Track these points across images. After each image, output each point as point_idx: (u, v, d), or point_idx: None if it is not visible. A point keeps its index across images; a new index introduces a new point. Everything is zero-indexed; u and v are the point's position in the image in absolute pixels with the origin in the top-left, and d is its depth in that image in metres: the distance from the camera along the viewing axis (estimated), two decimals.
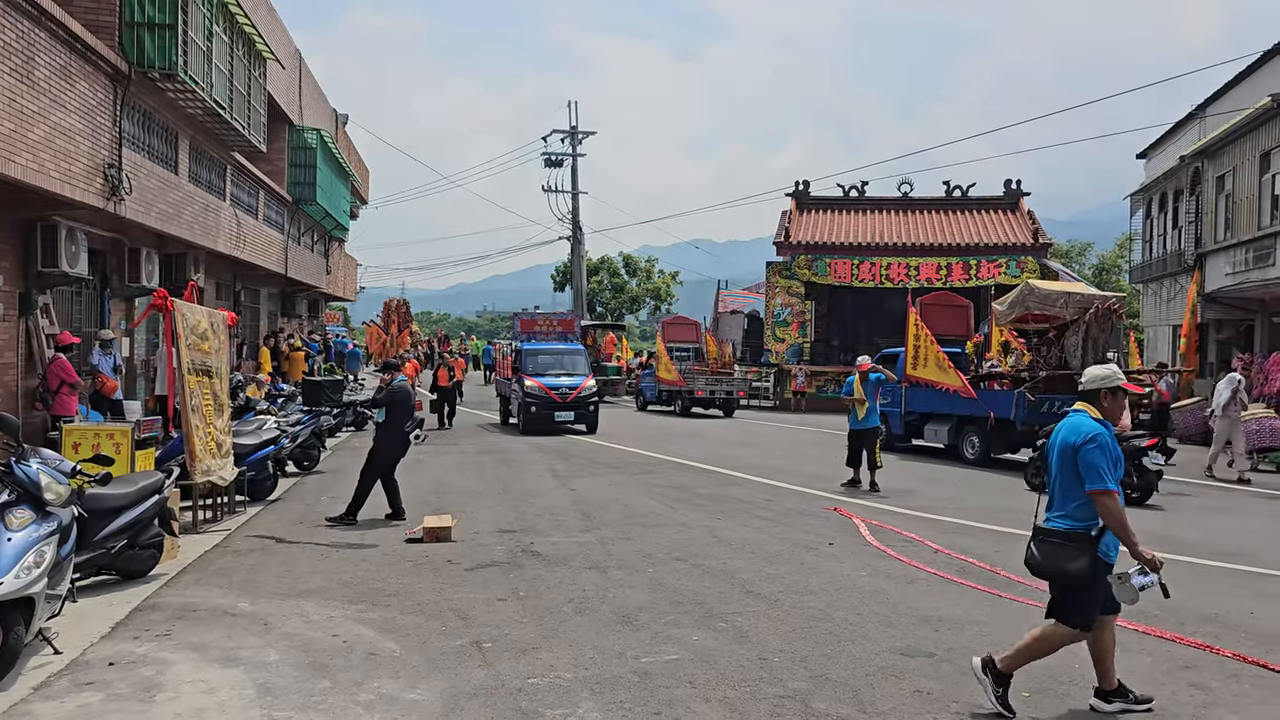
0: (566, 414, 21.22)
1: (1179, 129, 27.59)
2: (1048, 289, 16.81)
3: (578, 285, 47.14)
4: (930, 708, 5.28)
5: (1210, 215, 24.10)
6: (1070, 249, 52.37)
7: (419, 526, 9.84)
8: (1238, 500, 13.62)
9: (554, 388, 21.31)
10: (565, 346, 23.94)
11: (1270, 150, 20.77)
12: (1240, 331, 24.40)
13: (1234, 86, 23.17)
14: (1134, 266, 33.50)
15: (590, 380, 22.13)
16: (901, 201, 34.41)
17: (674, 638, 6.46)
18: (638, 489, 13.37)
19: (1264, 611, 7.40)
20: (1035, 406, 15.94)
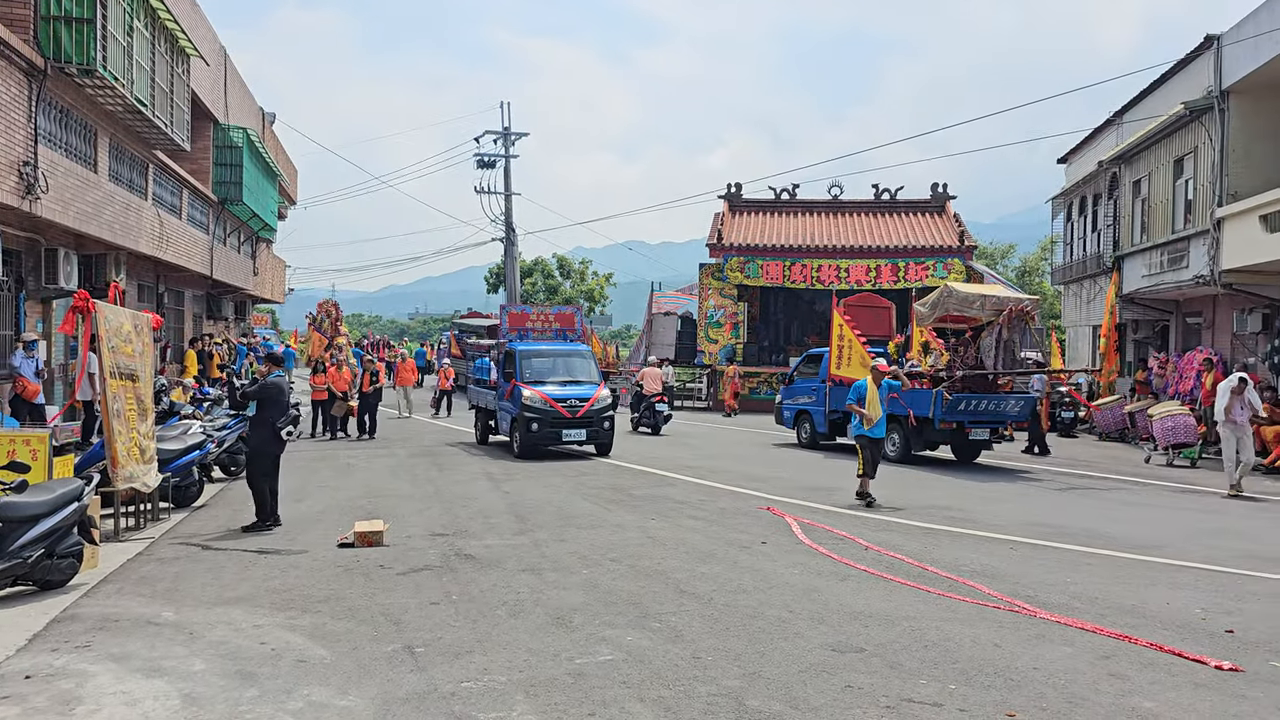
0: (576, 432, 17.06)
1: (1097, 135, 28.39)
2: (965, 291, 17.38)
3: (511, 287, 46.89)
4: (861, 702, 5.36)
5: (1127, 219, 24.85)
6: (995, 251, 53.55)
7: (350, 531, 9.71)
8: (1154, 494, 14.07)
9: (560, 400, 17.08)
10: (568, 347, 19.05)
11: (1183, 156, 21.50)
12: (1156, 331, 25.21)
13: (1149, 94, 23.90)
14: (1055, 268, 34.40)
15: (604, 390, 17.78)
16: (832, 204, 34.89)
17: (608, 638, 6.47)
18: (572, 490, 13.35)
19: (1178, 602, 7.65)
20: (952, 405, 16.49)
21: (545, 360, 18.07)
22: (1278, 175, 18.47)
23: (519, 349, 18.20)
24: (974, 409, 16.68)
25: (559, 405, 16.98)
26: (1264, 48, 17.41)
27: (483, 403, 20.02)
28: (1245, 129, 19.21)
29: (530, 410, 16.92)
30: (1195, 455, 17.43)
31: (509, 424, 17.83)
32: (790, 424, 21.16)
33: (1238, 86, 18.95)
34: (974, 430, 17.01)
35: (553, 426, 16.94)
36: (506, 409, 17.88)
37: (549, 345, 18.94)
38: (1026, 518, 11.57)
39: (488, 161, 45.30)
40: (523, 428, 16.98)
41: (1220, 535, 10.69)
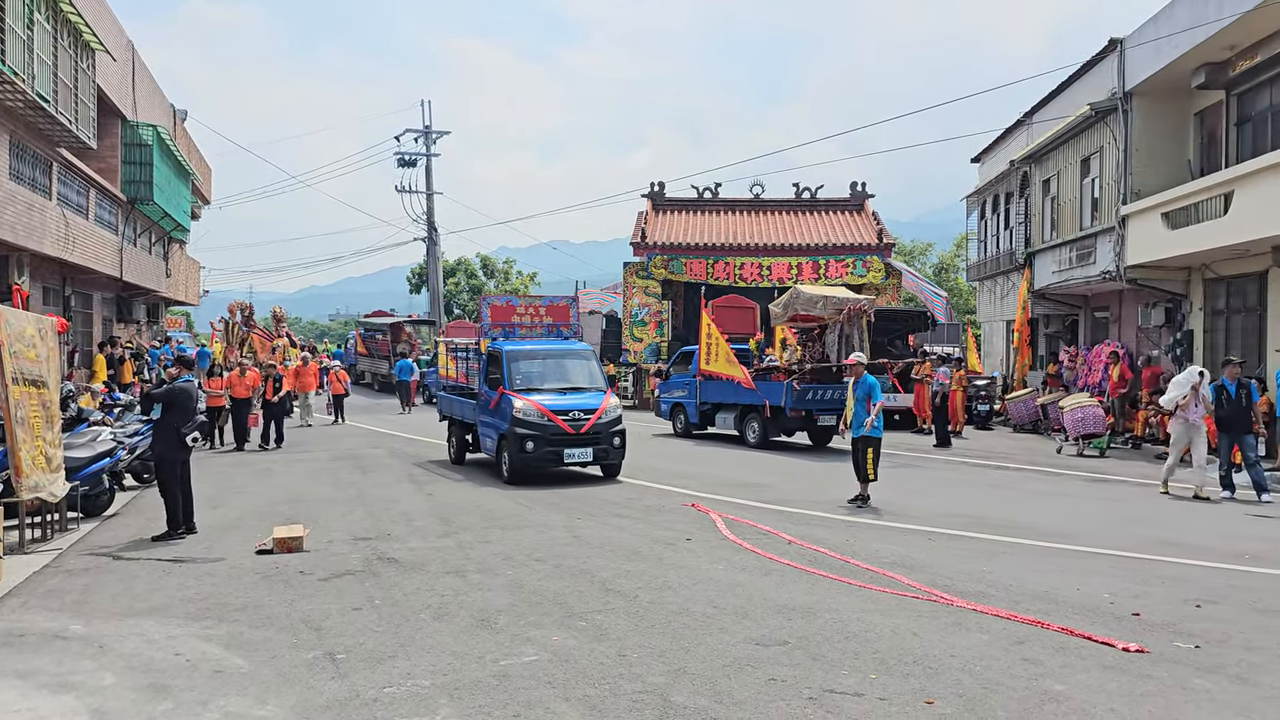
0: (581, 452, 13.97)
1: (1009, 135, 29.15)
2: (810, 293, 19.19)
3: (434, 287, 46.44)
4: (784, 694, 5.42)
5: (1038, 216, 25.56)
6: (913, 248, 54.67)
7: (269, 538, 9.50)
8: (1065, 484, 14.50)
9: (561, 412, 14.00)
10: (566, 346, 15.97)
11: (1089, 156, 22.19)
12: (1066, 326, 25.99)
13: (1057, 95, 24.61)
14: (970, 265, 35.23)
15: (612, 399, 14.70)
16: (754, 203, 35.23)
17: (534, 639, 6.44)
18: (497, 492, 13.27)
19: (1088, 587, 7.90)
20: (801, 395, 18.23)
21: (539, 363, 15.09)
22: (1179, 174, 19.18)
23: (506, 350, 15.07)
24: (820, 398, 18.29)
25: (559, 419, 13.89)
26: (1164, 51, 18.06)
27: (458, 414, 16.75)
28: (1148, 129, 19.91)
29: (524, 425, 13.85)
30: (1104, 445, 18.01)
31: (494, 441, 14.66)
32: (667, 415, 22.62)
33: (1140, 88, 19.63)
34: (821, 417, 18.59)
35: (552, 445, 13.84)
36: (491, 423, 14.75)
37: (543, 344, 15.88)
38: (944, 509, 11.83)
39: (409, 160, 44.79)
40: (514, 447, 13.81)
41: (1128, 523, 11.06)
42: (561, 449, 13.85)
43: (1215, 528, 10.83)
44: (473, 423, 15.86)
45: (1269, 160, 14.50)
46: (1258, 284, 16.97)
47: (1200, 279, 18.74)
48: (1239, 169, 15.55)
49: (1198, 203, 16.62)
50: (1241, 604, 7.31)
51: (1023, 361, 25.86)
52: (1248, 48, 16.76)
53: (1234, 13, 15.51)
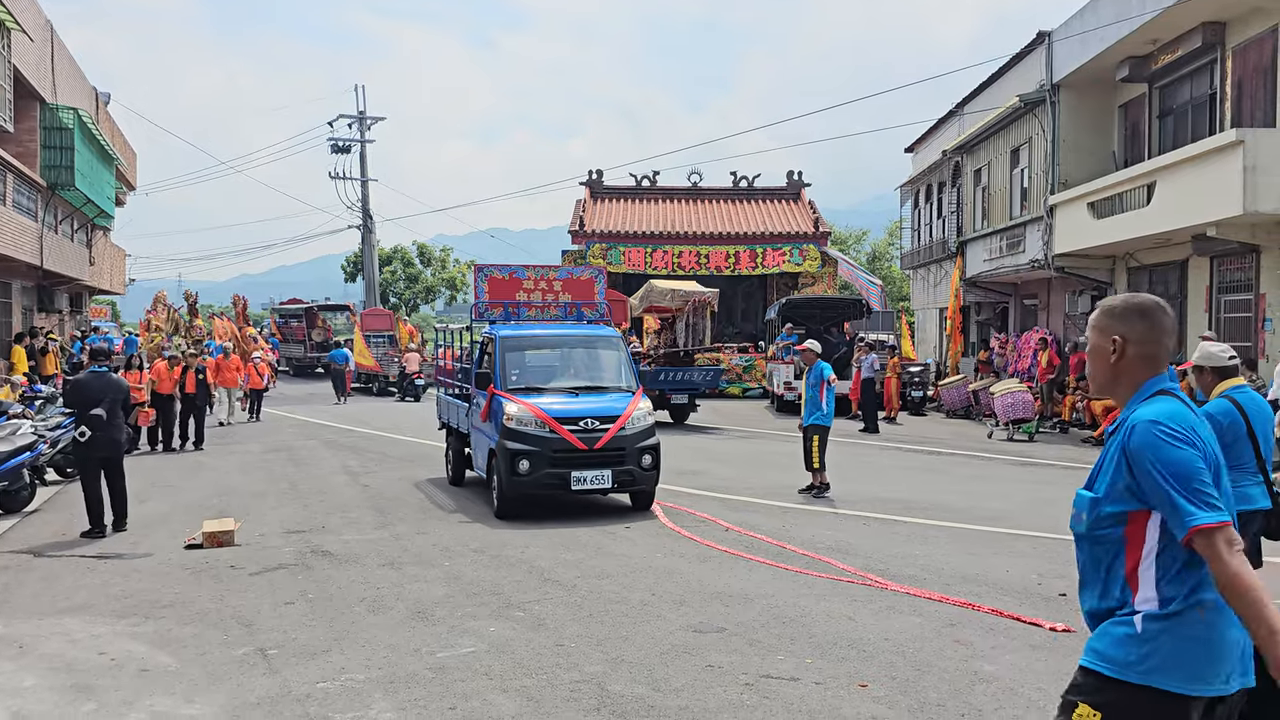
0: (597, 475, 10.37)
1: (941, 125, 29.59)
2: (662, 287, 21.59)
3: (369, 276, 45.81)
4: (721, 680, 5.46)
5: (969, 206, 26.02)
6: (848, 237, 55.27)
7: (198, 532, 9.30)
8: (996, 468, 14.81)
9: (568, 420, 10.47)
10: (584, 332, 12.28)
11: (1019, 147, 22.63)
12: (997, 313, 26.51)
13: (988, 87, 25.04)
14: (904, 254, 35.75)
15: (641, 402, 11.07)
16: (692, 191, 35.31)
17: (471, 630, 6.40)
18: (435, 482, 13.14)
19: (1017, 569, 8.08)
20: (654, 376, 20.17)
21: (544, 354, 11.75)
22: (1104, 165, 19.65)
23: (500, 336, 11.53)
24: (670, 379, 20.71)
25: (565, 429, 10.32)
26: (1090, 44, 18.46)
27: (454, 420, 13.08)
28: (1074, 121, 20.36)
29: (517, 438, 10.33)
30: (1033, 430, 18.41)
31: (484, 457, 11.26)
32: None
33: (1067, 80, 20.05)
34: (674, 396, 20.61)
35: (556, 465, 10.27)
36: (483, 433, 11.27)
37: (550, 330, 12.28)
38: (879, 494, 12.00)
39: (343, 146, 44.06)
40: (505, 466, 10.30)
41: (1055, 504, 11.30)
42: (568, 470, 10.16)
43: None
44: (466, 432, 12.29)
45: (1189, 152, 14.92)
46: (1178, 272, 17.47)
47: (1124, 267, 19.24)
48: (1161, 160, 15.97)
49: (1122, 193, 17.04)
50: None
51: (955, 348, 26.33)
52: (1169, 42, 17.20)
53: (1156, 8, 15.90)
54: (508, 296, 12.85)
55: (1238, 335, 15.48)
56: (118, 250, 36.47)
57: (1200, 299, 16.69)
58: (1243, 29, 15.71)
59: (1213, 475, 2.59)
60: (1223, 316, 16.13)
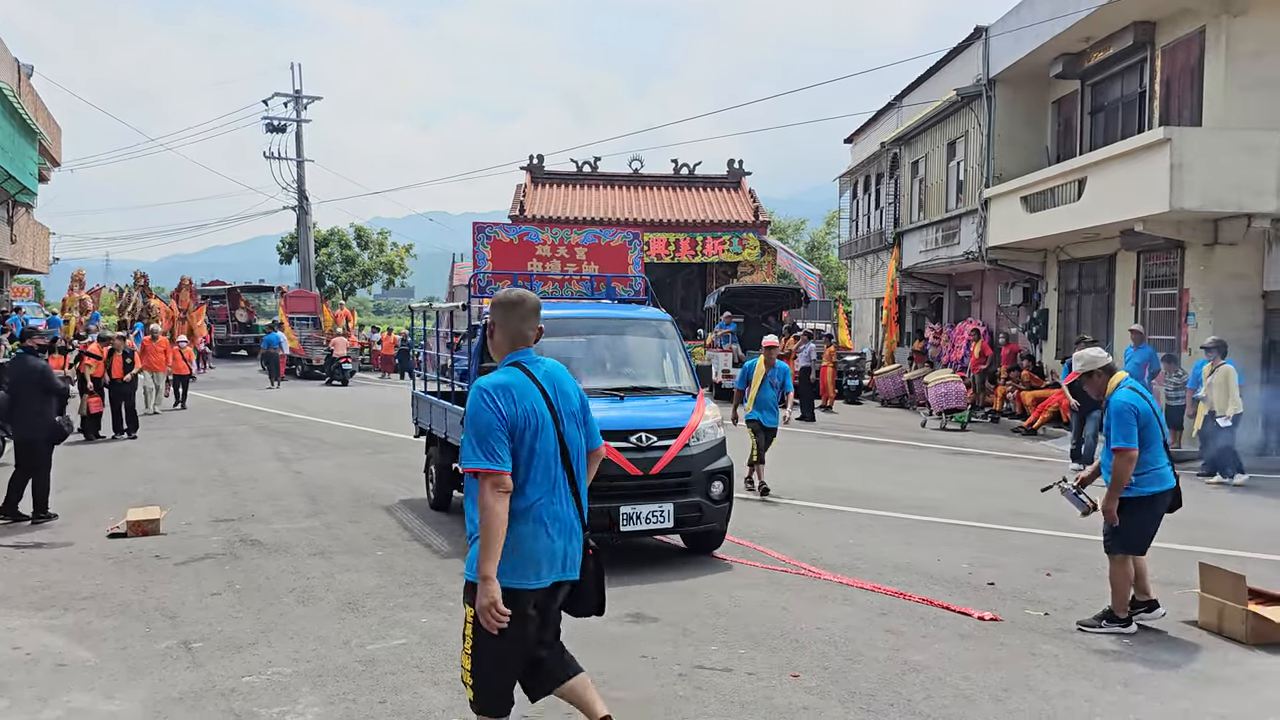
0: (654, 510, 7.75)
1: (880, 117, 29.87)
2: None
3: (305, 258, 44.99)
4: (655, 671, 5.46)
5: (907, 197, 26.33)
6: (787, 226, 55.66)
7: (122, 520, 9.05)
8: (929, 457, 15.03)
9: (614, 434, 7.54)
10: (625, 314, 9.45)
11: (955, 140, 22.94)
12: (932, 304, 26.90)
13: (926, 80, 25.32)
14: (842, 244, 36.09)
15: (708, 407, 8.55)
16: (633, 178, 35.21)
17: (402, 621, 6.31)
18: (369, 469, 12.97)
19: (948, 558, 8.21)
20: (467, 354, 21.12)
21: (574, 344, 8.80)
22: (1037, 160, 20.00)
23: None
24: None
25: (610, 446, 7.14)
26: (1025, 40, 18.75)
27: (440, 427, 10.09)
28: (1009, 115, 20.69)
29: None
30: (965, 419, 18.74)
31: None
32: None
33: (1003, 75, 20.35)
34: None
35: (597, 497, 6.03)
36: None
37: (581, 311, 9.35)
38: (815, 483, 12.10)
39: (278, 126, 43.14)
40: None
41: (986, 494, 11.53)
42: (615, 504, 7.52)
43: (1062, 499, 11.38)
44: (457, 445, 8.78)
45: (1118, 149, 15.23)
46: (1106, 266, 17.86)
47: (1055, 260, 19.62)
48: (1091, 156, 16.29)
49: (1054, 187, 17.35)
50: (1087, 572, 7.70)
51: (891, 338, 26.68)
52: (1101, 40, 17.53)
53: (1089, 6, 16.19)
54: (517, 266, 9.80)
55: (1162, 329, 15.89)
56: (41, 228, 35.33)
57: (1127, 293, 17.09)
58: (1171, 29, 16.07)
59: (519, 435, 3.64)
60: (1148, 310, 16.54)
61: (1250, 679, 5.51)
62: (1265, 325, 14.60)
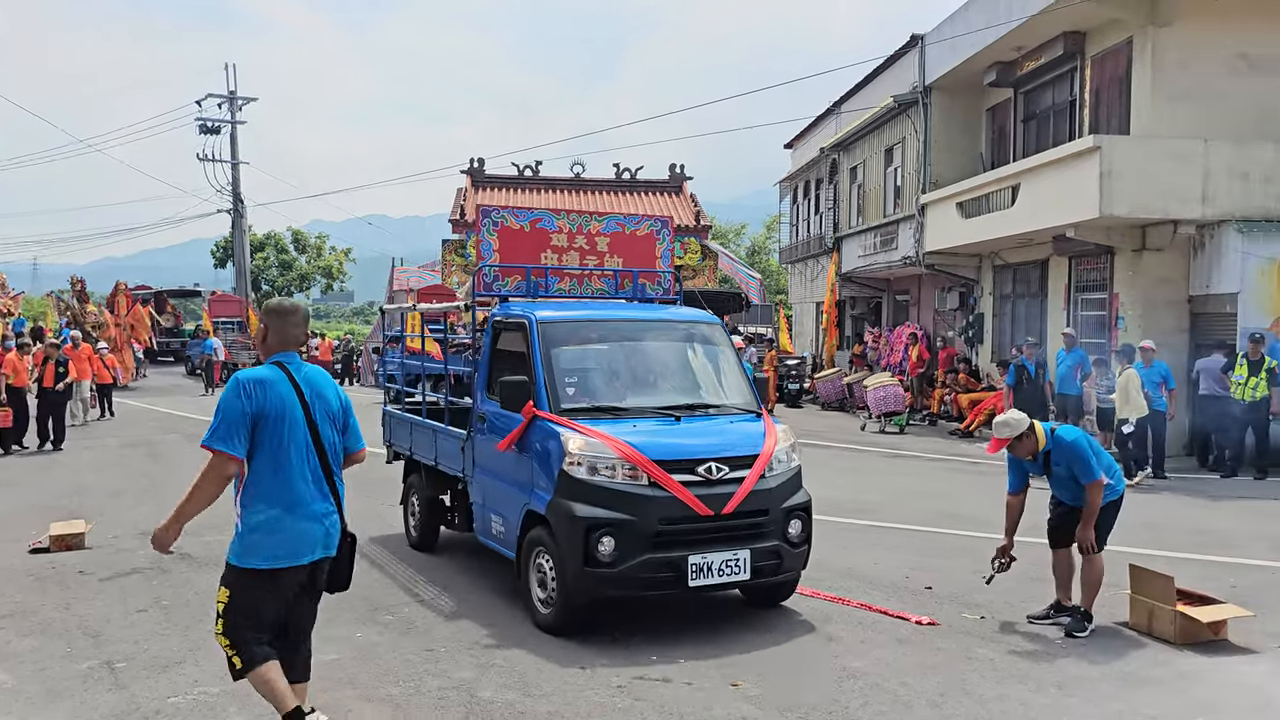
0: (728, 559, 6.17)
1: (819, 123, 30.15)
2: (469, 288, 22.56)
3: (240, 262, 44.09)
4: (593, 683, 5.41)
5: (846, 202, 26.61)
6: (728, 230, 55.98)
7: (45, 535, 8.76)
8: (869, 460, 15.17)
9: (679, 463, 6.21)
10: (672, 317, 7.98)
11: (892, 146, 23.24)
12: (871, 308, 27.21)
13: (864, 86, 25.62)
14: (783, 248, 36.37)
15: (777, 429, 6.97)
16: (575, 182, 35.12)
17: (335, 636, 6.17)
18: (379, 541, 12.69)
19: (887, 562, 8.27)
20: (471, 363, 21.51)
21: (612, 352, 7.35)
22: (972, 166, 20.33)
23: (540, 319, 7.14)
24: None
25: (673, 480, 6.15)
26: (960, 48, 19.05)
27: (423, 453, 8.73)
28: (945, 122, 21.01)
29: (589, 497, 6.14)
30: (903, 422, 18.96)
31: (512, 522, 6.84)
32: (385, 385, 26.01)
33: (939, 83, 20.67)
34: None
35: (662, 545, 6.09)
36: (505, 479, 7.03)
37: (620, 312, 7.89)
38: None
39: (212, 127, 42.22)
40: (569, 548, 6.09)
41: (924, 497, 11.66)
42: (684, 553, 6.07)
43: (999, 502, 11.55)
44: (456, 474, 7.89)
45: (1050, 156, 15.53)
46: (1040, 270, 18.21)
47: (990, 265, 19.96)
48: (1024, 163, 16.59)
49: (988, 194, 17.64)
50: (1021, 574, 7.79)
51: (831, 342, 26.91)
52: (1033, 49, 17.88)
53: (1021, 16, 16.50)
54: (529, 257, 8.33)
55: (1093, 333, 16.23)
56: None
57: (1060, 297, 17.43)
58: (1100, 39, 16.45)
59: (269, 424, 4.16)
60: (1080, 315, 16.89)
61: (1179, 679, 5.62)
62: (1191, 329, 14.99)
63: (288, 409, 4.19)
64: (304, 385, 4.31)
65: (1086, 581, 6.45)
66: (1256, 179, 14.17)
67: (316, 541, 4.27)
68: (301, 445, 4.24)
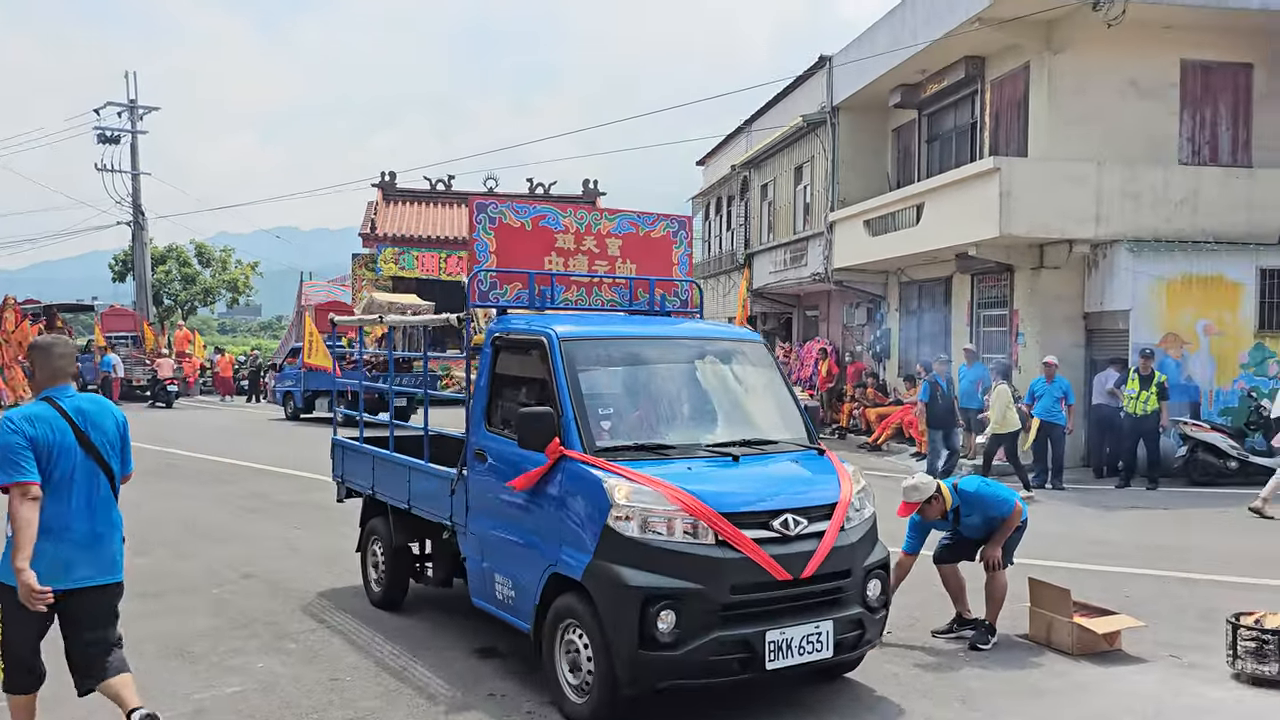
0: (811, 635, 5.04)
1: (730, 140, 30.54)
2: (380, 299, 22.72)
3: (140, 276, 42.70)
4: (504, 709, 5.33)
5: (757, 219, 26.97)
6: None
7: None
8: None
9: (748, 516, 5.06)
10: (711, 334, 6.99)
11: (802, 164, 23.64)
12: (782, 323, 27.58)
13: (775, 105, 26.02)
14: (696, 264, 36.68)
15: (845, 469, 5.94)
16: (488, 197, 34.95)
17: (236, 667, 5.98)
18: (208, 500, 12.34)
19: None
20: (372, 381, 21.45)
21: (648, 377, 6.18)
22: (879, 185, 20.79)
23: (561, 336, 5.79)
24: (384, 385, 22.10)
25: (746, 537, 4.98)
26: (867, 70, 19.49)
27: (389, 492, 7.39)
28: (852, 142, 21.46)
29: (644, 560, 4.90)
30: None
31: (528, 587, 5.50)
32: (280, 401, 25.80)
33: (846, 103, 21.10)
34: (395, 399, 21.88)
35: (734, 619, 4.92)
36: (521, 534, 5.66)
37: (653, 328, 6.57)
38: None
39: (111, 136, 40.88)
40: (622, 624, 4.82)
41: None
42: (760, 629, 4.96)
43: None
44: (441, 522, 6.59)
45: (953, 176, 15.97)
46: (944, 287, 18.69)
47: (896, 282, 20.41)
48: (928, 183, 17.04)
49: (894, 212, 18.05)
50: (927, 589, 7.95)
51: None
52: (936, 73, 18.39)
53: (924, 40, 16.96)
54: (531, 260, 6.94)
55: (995, 348, 16.72)
56: None
57: (963, 313, 17.92)
58: (1000, 64, 17.00)
59: (41, 457, 4.18)
60: (982, 330, 17.38)
61: (1076, 689, 5.78)
62: (1087, 344, 15.54)
63: (57, 441, 4.27)
64: (75, 415, 4.37)
65: (991, 596, 6.61)
66: (1146, 201, 14.79)
67: (91, 564, 4.36)
68: (73, 475, 4.32)
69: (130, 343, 35.23)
